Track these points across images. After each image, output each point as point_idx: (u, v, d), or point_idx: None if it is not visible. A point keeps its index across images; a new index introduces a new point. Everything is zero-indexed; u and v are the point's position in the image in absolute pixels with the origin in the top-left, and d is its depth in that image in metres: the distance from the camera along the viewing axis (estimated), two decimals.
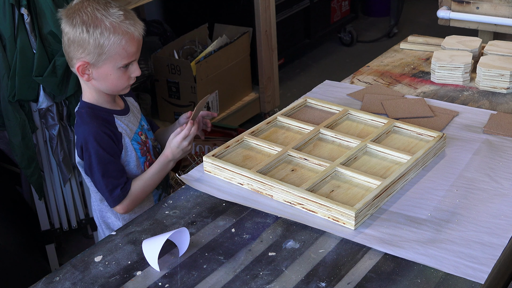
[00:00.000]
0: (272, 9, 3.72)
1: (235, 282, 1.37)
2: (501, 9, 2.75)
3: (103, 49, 1.74)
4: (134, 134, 1.90)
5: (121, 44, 1.75)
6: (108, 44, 1.74)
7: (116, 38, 1.74)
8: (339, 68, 4.63)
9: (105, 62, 1.77)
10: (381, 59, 2.43)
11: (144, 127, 1.97)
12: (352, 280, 1.36)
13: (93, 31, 1.73)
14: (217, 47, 3.52)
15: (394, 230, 1.49)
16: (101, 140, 1.80)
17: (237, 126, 3.38)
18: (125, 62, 1.78)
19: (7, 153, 2.83)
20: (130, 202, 1.84)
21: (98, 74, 1.79)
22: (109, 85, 1.82)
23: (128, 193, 1.84)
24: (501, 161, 1.74)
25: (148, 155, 1.94)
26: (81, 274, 1.42)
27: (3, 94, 2.39)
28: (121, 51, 1.76)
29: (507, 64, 2.13)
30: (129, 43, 1.76)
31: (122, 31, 1.75)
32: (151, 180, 1.86)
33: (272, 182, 1.61)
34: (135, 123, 1.93)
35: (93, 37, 1.73)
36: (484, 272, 1.36)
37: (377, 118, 1.90)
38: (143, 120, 1.99)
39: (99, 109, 1.85)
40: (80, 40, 1.75)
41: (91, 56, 1.76)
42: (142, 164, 1.91)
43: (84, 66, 1.78)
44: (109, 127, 1.84)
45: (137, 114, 1.98)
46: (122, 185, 1.82)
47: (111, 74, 1.79)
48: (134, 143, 1.89)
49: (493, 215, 1.53)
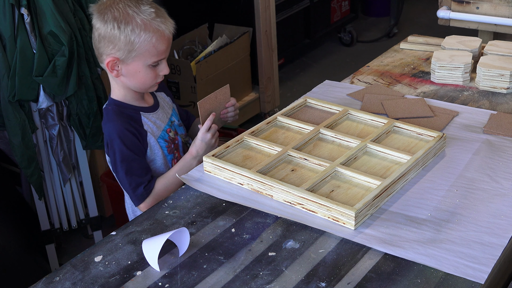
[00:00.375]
0: (272, 9, 3.72)
1: (235, 282, 1.37)
2: (501, 9, 2.75)
3: (134, 46, 1.75)
4: (161, 131, 1.90)
5: (151, 41, 1.76)
6: (138, 41, 1.75)
7: (147, 36, 1.75)
8: (339, 68, 4.64)
9: (134, 59, 1.78)
10: (381, 59, 2.43)
11: (174, 123, 1.96)
12: (352, 280, 1.36)
13: (124, 27, 1.74)
14: (217, 47, 3.52)
15: (394, 230, 1.49)
16: (125, 138, 1.81)
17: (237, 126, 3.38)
18: (155, 60, 1.80)
19: (7, 153, 2.83)
20: (153, 200, 1.84)
21: (127, 70, 1.80)
22: (137, 82, 1.83)
23: (151, 191, 1.84)
24: (501, 161, 1.74)
25: (176, 153, 1.94)
26: (81, 274, 1.42)
27: (3, 94, 2.39)
28: (151, 48, 1.77)
29: (507, 64, 2.13)
30: (159, 41, 1.77)
31: (153, 29, 1.76)
32: (174, 178, 1.84)
33: (272, 182, 1.61)
34: (164, 120, 1.93)
35: (124, 34, 1.74)
36: (484, 272, 1.36)
37: (377, 118, 1.90)
38: (174, 116, 1.98)
39: (126, 106, 1.87)
40: (110, 36, 1.76)
41: (121, 52, 1.77)
42: (170, 162, 1.92)
43: (114, 62, 1.79)
44: (134, 125, 1.85)
45: (167, 109, 1.97)
46: (145, 183, 1.83)
47: (140, 71, 1.80)
48: (161, 141, 1.90)
49: (493, 215, 1.53)
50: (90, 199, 2.78)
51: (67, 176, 2.66)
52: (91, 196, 2.77)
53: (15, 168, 2.86)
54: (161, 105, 1.96)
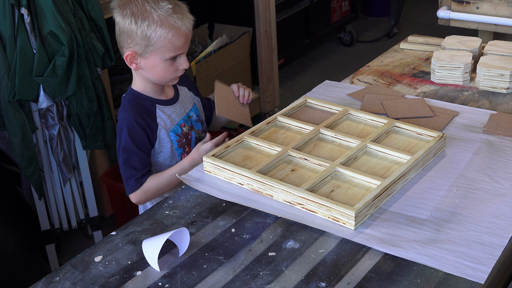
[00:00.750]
0: (272, 9, 3.72)
1: (235, 282, 1.37)
2: (501, 9, 2.75)
3: (150, 41, 1.79)
4: (175, 125, 1.94)
5: (167, 37, 1.79)
6: (155, 37, 1.79)
7: (163, 31, 1.78)
8: (339, 68, 4.64)
9: (152, 54, 1.82)
10: (381, 59, 2.43)
11: (191, 118, 1.99)
12: (352, 280, 1.36)
13: (141, 23, 1.79)
14: (217, 47, 3.52)
15: (394, 230, 1.49)
16: (133, 131, 1.86)
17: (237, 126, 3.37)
18: (172, 55, 1.83)
19: (7, 153, 2.83)
20: (142, 194, 1.89)
21: (146, 64, 1.85)
22: (156, 75, 1.87)
23: (141, 186, 1.88)
24: (501, 161, 1.74)
25: (187, 147, 1.97)
26: (81, 274, 1.42)
27: (3, 94, 2.39)
28: (167, 44, 1.80)
29: (507, 64, 2.13)
30: (175, 36, 1.80)
31: (169, 25, 1.79)
32: (167, 180, 1.88)
33: (272, 182, 1.61)
34: (181, 114, 1.96)
35: (141, 29, 1.79)
36: (484, 272, 1.36)
37: (377, 118, 1.90)
38: (193, 111, 2.01)
39: (143, 97, 1.91)
40: (128, 30, 1.81)
41: (139, 46, 1.82)
42: (179, 156, 1.95)
43: (132, 55, 1.84)
44: (146, 118, 1.89)
45: (187, 104, 2.00)
46: (138, 176, 1.87)
47: (158, 65, 1.84)
48: (172, 134, 1.93)
49: (493, 215, 1.53)
50: (90, 199, 2.78)
51: (67, 176, 2.66)
52: (91, 196, 2.77)
53: (15, 168, 2.86)
54: (181, 99, 1.99)
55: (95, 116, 2.55)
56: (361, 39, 5.14)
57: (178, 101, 1.98)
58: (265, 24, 3.69)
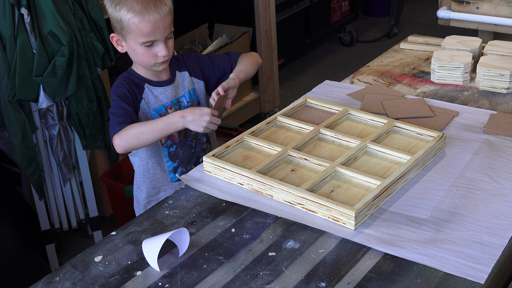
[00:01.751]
0: (272, 9, 3.72)
1: (235, 282, 1.37)
2: (501, 9, 2.75)
3: (122, 24, 1.85)
4: (159, 105, 1.95)
5: (134, 22, 1.83)
6: (124, 20, 1.84)
7: (130, 16, 1.83)
8: (339, 68, 4.64)
9: (128, 37, 1.87)
10: (381, 59, 2.43)
11: (181, 103, 1.99)
12: (352, 280, 1.36)
13: (114, 6, 1.85)
14: (217, 47, 3.52)
15: (394, 230, 1.49)
16: (119, 91, 1.90)
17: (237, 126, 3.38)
18: (143, 40, 1.85)
19: (7, 153, 2.83)
20: (124, 136, 1.81)
21: (128, 47, 1.91)
22: (138, 59, 1.91)
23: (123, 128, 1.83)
24: (501, 161, 1.74)
25: None
26: (81, 274, 1.42)
27: (3, 94, 2.39)
28: (135, 29, 1.84)
29: (507, 64, 2.13)
30: (142, 23, 1.83)
31: (136, 10, 1.82)
32: (150, 125, 1.83)
33: (272, 182, 1.61)
34: (170, 97, 1.97)
35: (114, 12, 1.86)
36: (484, 272, 1.36)
37: (377, 118, 1.90)
38: (186, 96, 2.00)
39: (136, 75, 1.95)
40: (109, 14, 1.89)
41: (117, 30, 1.89)
42: None
43: (117, 38, 1.91)
44: (134, 89, 1.92)
45: (181, 89, 2.01)
46: (120, 121, 1.85)
47: (136, 49, 1.88)
48: (154, 113, 1.94)
49: (493, 215, 1.53)
50: (90, 199, 2.78)
51: (67, 176, 2.66)
52: (91, 196, 2.77)
53: (15, 168, 2.86)
54: (176, 84, 1.99)
55: (95, 116, 2.55)
56: (361, 39, 5.14)
57: (171, 85, 1.98)
58: (265, 24, 3.69)
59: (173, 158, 1.98)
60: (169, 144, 1.97)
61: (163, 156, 1.98)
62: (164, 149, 1.97)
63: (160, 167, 1.99)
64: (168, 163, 1.98)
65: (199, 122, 1.79)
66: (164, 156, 1.98)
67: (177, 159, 1.99)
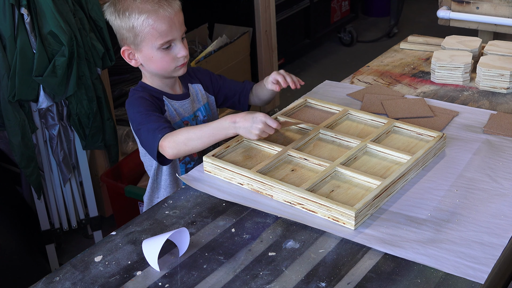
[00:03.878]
0: (272, 9, 3.72)
1: (235, 282, 1.37)
2: (501, 9, 2.75)
3: (135, 31, 1.76)
4: (179, 120, 1.88)
5: (149, 23, 1.74)
6: (137, 25, 1.75)
7: (143, 17, 1.74)
8: (339, 68, 4.64)
9: (143, 45, 1.78)
10: (381, 59, 2.43)
11: (198, 118, 1.94)
12: (352, 280, 1.36)
13: (123, 15, 1.76)
14: (217, 47, 3.52)
15: (394, 230, 1.49)
16: (141, 103, 1.78)
17: None
18: (160, 42, 1.76)
19: (7, 153, 2.83)
20: (171, 140, 1.70)
21: (143, 57, 1.81)
22: (156, 67, 1.82)
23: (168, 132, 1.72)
24: (501, 161, 1.74)
25: None
26: (81, 274, 1.42)
27: (3, 94, 2.39)
28: (151, 31, 1.75)
29: (507, 64, 2.13)
30: (157, 21, 1.74)
31: (147, 10, 1.74)
32: (199, 131, 1.71)
33: (272, 182, 1.61)
34: (188, 111, 1.91)
35: (124, 21, 1.76)
36: (484, 272, 1.36)
37: (377, 118, 1.90)
38: (201, 111, 1.95)
39: (151, 89, 1.86)
40: (117, 27, 1.79)
41: (129, 40, 1.78)
42: None
43: (128, 51, 1.81)
44: (155, 100, 1.83)
45: (196, 103, 1.95)
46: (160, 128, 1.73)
47: (153, 56, 1.79)
48: (176, 127, 1.85)
49: (493, 215, 1.53)
50: (90, 199, 2.78)
51: (67, 176, 2.66)
52: (91, 196, 2.78)
53: (15, 168, 2.86)
54: (191, 98, 1.93)
55: (94, 116, 2.55)
56: (361, 39, 5.14)
57: (188, 99, 1.92)
58: (265, 24, 3.69)
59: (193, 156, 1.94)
60: (187, 161, 1.93)
61: (179, 172, 1.93)
62: (182, 166, 1.93)
63: (176, 183, 1.93)
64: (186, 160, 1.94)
65: (251, 129, 1.66)
66: (181, 172, 1.92)
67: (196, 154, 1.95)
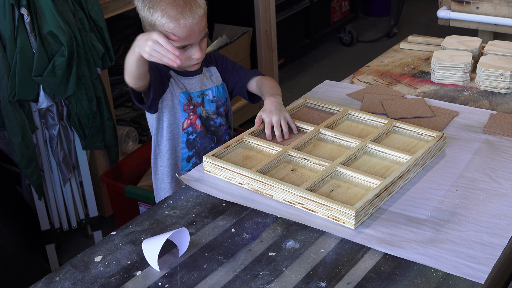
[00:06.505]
0: (272, 9, 3.72)
1: (235, 282, 1.37)
2: (501, 9, 2.75)
3: (156, 28, 1.81)
4: (184, 91, 1.93)
5: (169, 27, 1.79)
6: (159, 24, 1.80)
7: (165, 21, 1.79)
8: (339, 68, 4.63)
9: None
10: (381, 59, 2.43)
11: (206, 97, 1.98)
12: (352, 280, 1.36)
13: (147, 10, 1.82)
14: (217, 47, 3.52)
15: (394, 230, 1.49)
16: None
17: (237, 126, 3.38)
18: (177, 44, 1.81)
19: (7, 153, 2.83)
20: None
21: None
22: None
23: None
24: (501, 161, 1.74)
25: (192, 115, 1.95)
26: (81, 274, 1.42)
27: (3, 94, 2.39)
28: (170, 34, 1.80)
29: (507, 64, 2.13)
30: (177, 28, 1.80)
31: (170, 15, 1.79)
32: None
33: (272, 182, 1.61)
34: (194, 88, 1.95)
35: (147, 15, 1.83)
36: (484, 272, 1.36)
37: (377, 118, 1.90)
38: (212, 90, 1.99)
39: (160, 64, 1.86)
40: (141, 16, 1.85)
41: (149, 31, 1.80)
42: (183, 119, 1.94)
43: None
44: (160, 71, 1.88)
45: (207, 83, 1.99)
46: None
47: None
48: (182, 95, 1.92)
49: (493, 215, 1.53)
50: (90, 199, 2.78)
51: (67, 176, 2.66)
52: (91, 196, 2.77)
53: (15, 168, 2.86)
54: (202, 77, 1.98)
55: (94, 116, 2.55)
56: (361, 39, 5.14)
57: (199, 76, 1.97)
58: (265, 24, 3.69)
59: (190, 146, 1.97)
60: (189, 131, 1.96)
61: (181, 141, 1.96)
62: (184, 135, 1.96)
63: (175, 152, 1.97)
64: (184, 149, 1.97)
65: (144, 47, 1.68)
66: (182, 141, 1.96)
67: (193, 148, 1.98)
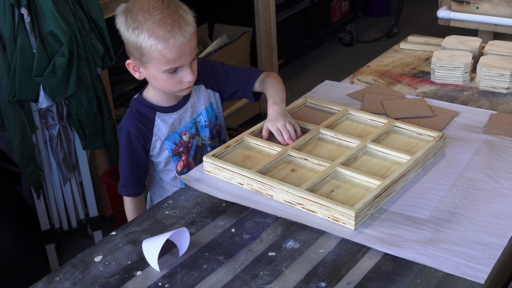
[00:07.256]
0: (272, 9, 3.73)
1: (235, 282, 1.37)
2: (501, 9, 2.75)
3: (142, 51, 1.69)
4: (173, 133, 1.86)
5: (157, 49, 1.67)
6: (146, 47, 1.68)
7: (152, 42, 1.67)
8: (339, 68, 4.64)
9: (149, 64, 1.72)
10: (381, 59, 2.43)
11: (198, 124, 1.90)
12: (352, 280, 1.36)
13: (132, 32, 1.69)
14: (217, 47, 3.52)
15: (394, 230, 1.49)
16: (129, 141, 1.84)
17: (237, 126, 3.38)
18: (167, 67, 1.70)
19: (7, 153, 2.83)
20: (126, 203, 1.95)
21: (147, 74, 1.76)
22: (160, 86, 1.78)
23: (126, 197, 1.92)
24: (501, 161, 1.74)
25: (184, 156, 1.90)
26: (81, 274, 1.42)
27: (3, 94, 2.39)
28: (158, 56, 1.68)
29: (507, 64, 2.13)
30: (166, 49, 1.67)
31: (158, 36, 1.66)
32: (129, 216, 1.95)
33: (272, 182, 1.61)
34: (185, 120, 1.88)
35: (132, 38, 1.70)
36: (484, 272, 1.36)
37: (377, 118, 1.90)
38: (203, 115, 1.91)
39: (146, 104, 1.83)
40: (125, 39, 1.73)
41: (135, 56, 1.73)
42: (175, 163, 1.90)
43: (134, 64, 1.77)
44: (142, 128, 1.82)
45: (197, 108, 1.90)
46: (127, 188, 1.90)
47: (158, 77, 1.74)
48: (168, 143, 1.86)
49: (493, 215, 1.53)
50: (90, 199, 2.78)
51: (67, 176, 2.66)
52: (91, 196, 2.78)
53: (15, 168, 2.86)
54: (191, 103, 1.88)
55: (94, 116, 2.55)
56: (361, 39, 5.14)
57: (186, 106, 1.87)
58: (265, 24, 3.69)
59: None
60: (185, 172, 1.89)
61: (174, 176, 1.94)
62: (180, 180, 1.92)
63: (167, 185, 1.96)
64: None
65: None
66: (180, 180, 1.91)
67: None
